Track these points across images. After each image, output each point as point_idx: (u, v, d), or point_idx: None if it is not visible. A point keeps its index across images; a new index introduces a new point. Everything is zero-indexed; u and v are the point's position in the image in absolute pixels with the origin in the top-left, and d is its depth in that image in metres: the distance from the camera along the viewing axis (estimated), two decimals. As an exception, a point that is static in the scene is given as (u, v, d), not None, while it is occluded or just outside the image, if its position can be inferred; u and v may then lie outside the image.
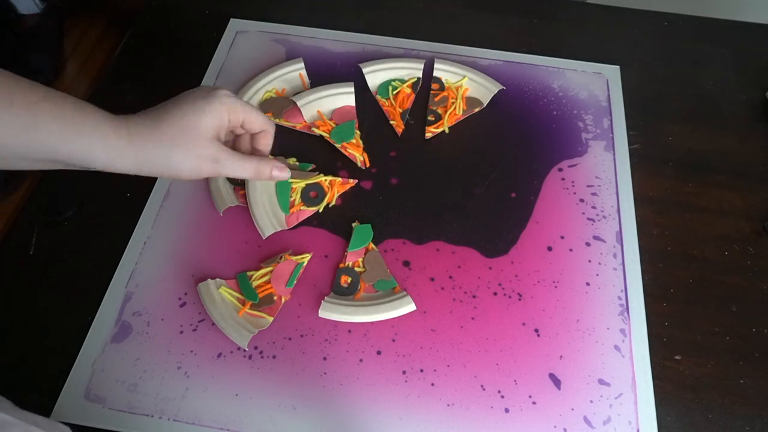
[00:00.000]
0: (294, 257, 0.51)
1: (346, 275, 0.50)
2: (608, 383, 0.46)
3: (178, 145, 0.39)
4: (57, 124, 0.35)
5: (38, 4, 1.72)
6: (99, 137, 0.36)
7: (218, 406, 0.45)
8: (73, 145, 0.36)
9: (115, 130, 0.37)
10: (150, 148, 0.38)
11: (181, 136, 0.39)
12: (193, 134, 0.39)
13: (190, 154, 0.40)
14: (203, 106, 0.40)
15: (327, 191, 0.55)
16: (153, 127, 0.39)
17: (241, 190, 0.54)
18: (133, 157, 0.38)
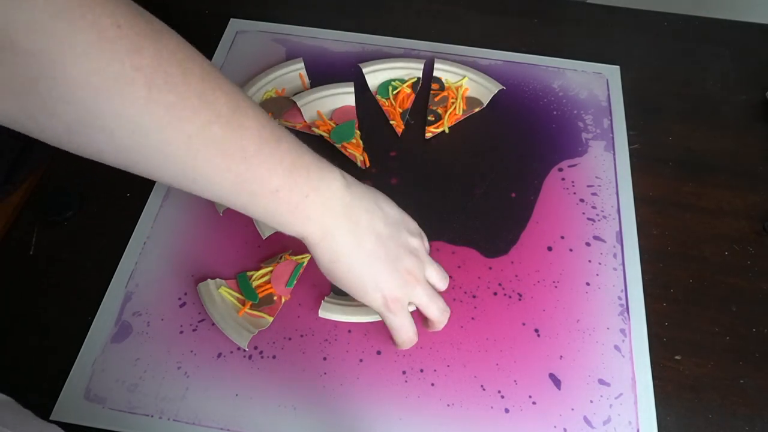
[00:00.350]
0: (294, 257, 0.51)
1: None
2: (608, 383, 0.46)
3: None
4: (267, 214, 0.36)
5: (38, 4, 1.72)
6: (291, 233, 0.38)
7: (218, 406, 0.45)
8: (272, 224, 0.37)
9: (306, 236, 0.38)
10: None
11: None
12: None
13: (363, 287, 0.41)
14: (378, 285, 0.40)
15: None
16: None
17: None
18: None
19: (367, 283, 0.40)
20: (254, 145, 0.33)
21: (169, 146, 0.30)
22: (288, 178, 0.35)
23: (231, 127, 0.32)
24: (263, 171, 0.34)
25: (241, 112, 0.33)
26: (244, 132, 0.33)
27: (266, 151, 0.34)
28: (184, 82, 0.30)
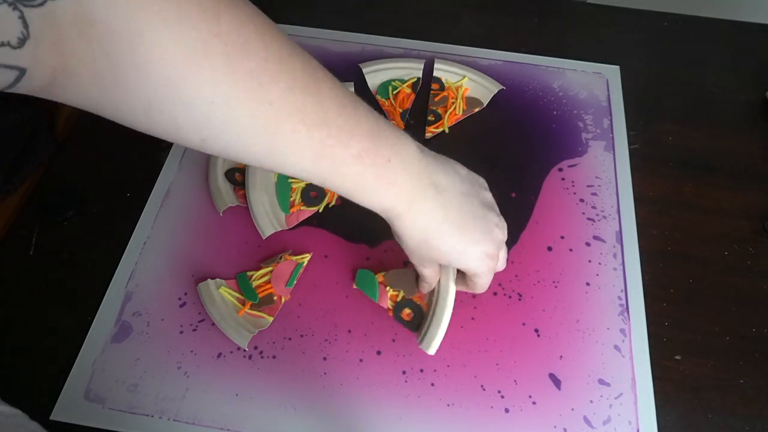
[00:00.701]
0: (294, 257, 0.51)
1: (407, 309, 0.49)
2: (608, 383, 0.46)
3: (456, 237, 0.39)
4: (351, 184, 0.35)
5: (38, 4, 1.73)
6: (376, 208, 0.37)
7: (218, 406, 0.45)
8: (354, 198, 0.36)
9: (393, 207, 0.37)
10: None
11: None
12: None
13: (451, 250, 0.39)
14: (488, 233, 0.40)
15: (327, 191, 0.55)
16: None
17: (240, 190, 0.54)
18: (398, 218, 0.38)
19: (466, 243, 0.39)
20: (334, 110, 0.32)
21: (250, 115, 0.29)
22: (369, 141, 0.34)
23: (310, 92, 0.32)
24: (344, 135, 0.33)
25: (318, 77, 0.33)
26: (323, 97, 0.32)
27: (345, 116, 0.33)
28: (264, 48, 0.30)
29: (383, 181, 0.35)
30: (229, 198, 0.54)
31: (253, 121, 0.29)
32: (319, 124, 0.31)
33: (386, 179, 0.35)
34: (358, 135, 0.33)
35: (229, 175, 0.55)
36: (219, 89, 0.27)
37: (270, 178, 0.55)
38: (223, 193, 0.54)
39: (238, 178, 0.55)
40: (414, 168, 0.36)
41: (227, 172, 0.55)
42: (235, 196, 0.54)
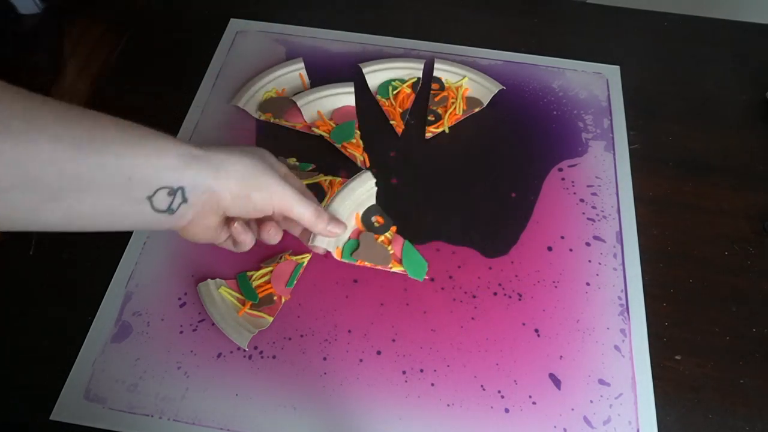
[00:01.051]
0: (294, 257, 0.51)
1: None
2: (608, 383, 0.46)
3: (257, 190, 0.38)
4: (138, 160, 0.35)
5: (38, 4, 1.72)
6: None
7: (218, 406, 0.45)
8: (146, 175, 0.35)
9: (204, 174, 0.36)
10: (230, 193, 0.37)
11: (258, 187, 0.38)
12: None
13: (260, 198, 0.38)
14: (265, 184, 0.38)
15: (327, 191, 0.55)
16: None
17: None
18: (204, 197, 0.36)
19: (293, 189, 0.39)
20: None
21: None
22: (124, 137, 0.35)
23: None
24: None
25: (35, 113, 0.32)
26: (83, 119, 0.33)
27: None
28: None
29: (166, 158, 0.35)
30: None
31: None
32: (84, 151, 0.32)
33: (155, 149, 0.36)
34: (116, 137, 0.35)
35: None
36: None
37: None
38: None
39: None
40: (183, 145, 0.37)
41: None
42: None
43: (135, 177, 0.34)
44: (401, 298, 0.50)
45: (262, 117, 0.60)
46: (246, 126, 0.60)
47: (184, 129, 0.59)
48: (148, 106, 0.62)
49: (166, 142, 0.36)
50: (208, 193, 0.36)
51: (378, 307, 0.49)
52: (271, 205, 0.39)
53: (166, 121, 0.60)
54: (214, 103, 0.61)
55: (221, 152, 0.37)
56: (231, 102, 0.60)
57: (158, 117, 0.60)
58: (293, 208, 0.39)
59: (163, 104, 0.61)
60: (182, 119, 0.60)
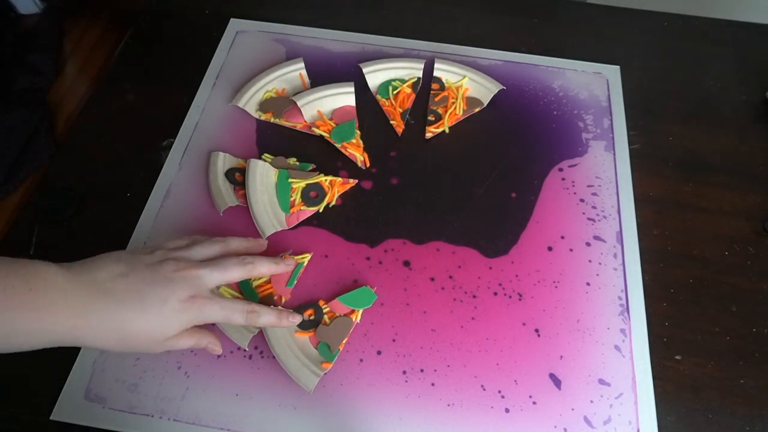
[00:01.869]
0: (294, 257, 0.51)
1: (312, 310, 0.48)
2: (608, 383, 0.46)
3: (132, 348, 0.39)
4: (4, 332, 0.34)
5: (38, 4, 1.73)
6: (50, 339, 0.35)
7: (218, 406, 0.45)
8: (7, 346, 0.34)
9: (70, 328, 0.35)
10: (101, 345, 0.38)
11: (136, 344, 0.38)
12: (148, 343, 0.39)
13: (144, 351, 0.40)
14: (168, 325, 0.39)
15: (327, 191, 0.55)
16: (111, 335, 0.37)
17: (240, 190, 0.54)
18: (77, 343, 0.37)
19: (158, 311, 0.38)
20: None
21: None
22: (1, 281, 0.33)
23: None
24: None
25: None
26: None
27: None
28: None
29: (36, 313, 0.34)
30: (230, 198, 0.54)
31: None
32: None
33: (38, 310, 0.34)
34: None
35: (229, 174, 0.55)
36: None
37: (270, 178, 0.55)
38: (223, 193, 0.54)
39: (238, 178, 0.55)
40: (57, 282, 0.35)
41: (227, 172, 0.55)
42: (235, 196, 0.54)
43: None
44: (401, 298, 0.50)
45: (262, 117, 0.60)
46: (246, 126, 0.60)
47: (184, 129, 0.59)
48: (148, 106, 0.62)
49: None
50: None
51: (378, 307, 0.49)
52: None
53: (166, 121, 0.60)
54: (214, 103, 0.61)
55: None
56: (231, 102, 0.60)
57: (158, 117, 0.60)
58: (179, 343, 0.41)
59: (163, 104, 0.61)
60: (182, 119, 0.60)
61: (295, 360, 0.45)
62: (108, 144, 0.59)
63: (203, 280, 0.41)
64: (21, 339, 0.34)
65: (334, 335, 0.47)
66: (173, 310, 0.38)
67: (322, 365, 0.45)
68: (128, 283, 0.38)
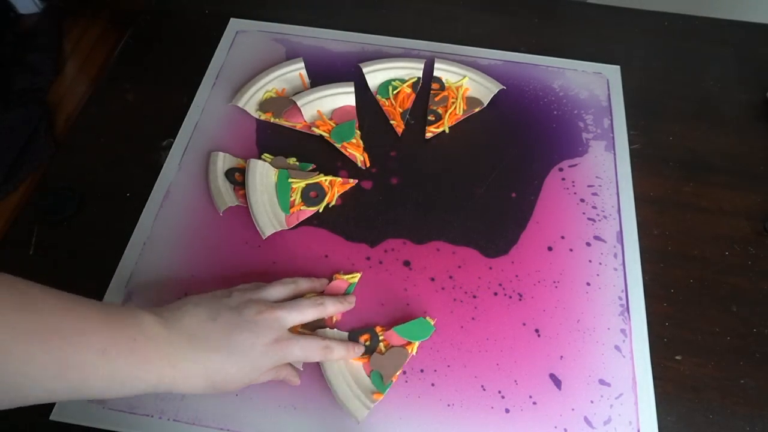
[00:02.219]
0: (345, 276, 0.50)
1: (368, 335, 0.47)
2: (609, 383, 0.46)
3: (217, 390, 0.39)
4: (104, 384, 0.34)
5: (38, 4, 1.73)
6: (143, 389, 0.36)
7: (218, 406, 0.44)
8: (107, 395, 0.35)
9: (162, 378, 0.36)
10: (187, 390, 0.38)
11: (224, 387, 0.40)
12: (236, 384, 0.40)
13: (226, 392, 0.40)
14: (256, 368, 0.40)
15: (327, 191, 0.55)
16: (201, 381, 0.38)
17: (240, 190, 0.54)
18: (164, 390, 0.37)
19: (243, 357, 0.39)
20: (57, 315, 0.32)
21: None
22: (108, 331, 0.34)
23: (23, 308, 0.31)
24: (77, 336, 0.32)
25: (23, 289, 0.32)
26: (38, 307, 0.32)
27: (72, 316, 0.33)
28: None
29: (137, 363, 0.35)
30: (229, 198, 0.54)
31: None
32: (47, 334, 0.30)
33: (139, 360, 0.35)
34: (93, 329, 0.33)
35: (229, 174, 0.55)
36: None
37: (270, 178, 0.55)
38: (223, 193, 0.54)
39: (238, 178, 0.55)
40: (156, 331, 0.37)
41: (227, 172, 0.55)
42: (235, 195, 0.54)
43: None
44: (401, 298, 0.50)
45: (262, 117, 0.60)
46: (246, 126, 0.60)
47: (184, 129, 0.59)
48: (148, 106, 0.62)
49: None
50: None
51: (378, 307, 0.49)
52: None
53: (166, 121, 0.60)
54: (214, 103, 0.61)
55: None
56: (231, 102, 0.60)
57: (158, 117, 0.60)
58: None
59: (163, 104, 0.61)
60: (182, 119, 0.60)
61: (347, 388, 0.44)
62: (108, 144, 0.59)
63: (283, 322, 0.42)
64: (117, 387, 0.35)
65: (389, 365, 0.46)
66: (260, 354, 0.40)
67: (373, 396, 0.44)
68: (217, 329, 0.39)
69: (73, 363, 0.31)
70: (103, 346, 0.33)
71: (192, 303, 0.41)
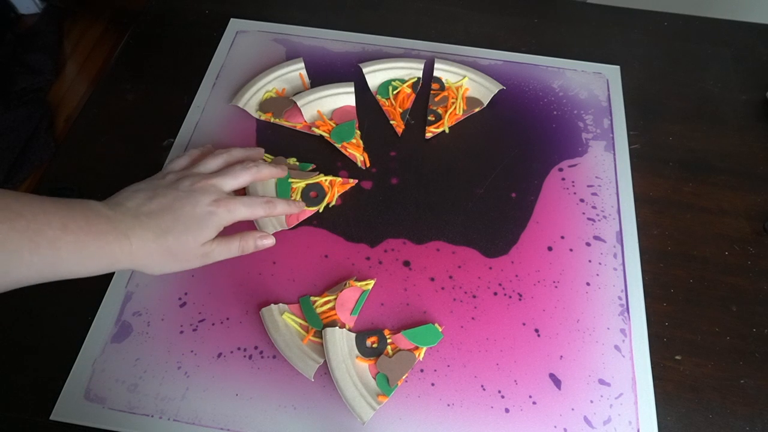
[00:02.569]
0: (359, 283, 0.50)
1: (376, 338, 0.47)
2: (608, 383, 0.46)
3: (175, 258, 0.42)
4: (76, 257, 0.37)
5: (38, 4, 1.73)
6: (110, 262, 0.39)
7: (218, 406, 0.45)
8: (83, 270, 0.38)
9: (121, 248, 0.39)
10: (147, 261, 0.41)
11: (180, 252, 0.42)
12: (191, 247, 0.42)
13: (183, 262, 0.43)
14: (205, 224, 0.43)
15: (327, 191, 0.55)
16: (155, 243, 0.41)
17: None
18: (129, 265, 0.40)
19: (192, 213, 0.42)
20: (19, 204, 0.35)
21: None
22: (64, 212, 0.37)
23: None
24: (41, 216, 0.36)
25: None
26: (4, 202, 0.35)
27: (30, 204, 0.36)
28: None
29: (96, 234, 0.38)
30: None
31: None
32: (14, 218, 0.34)
33: (97, 232, 0.38)
34: (51, 210, 0.36)
35: None
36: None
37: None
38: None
39: None
40: (104, 212, 0.40)
41: None
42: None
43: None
44: (401, 298, 0.50)
45: (262, 117, 0.60)
46: (246, 126, 0.60)
47: (184, 129, 0.59)
48: (148, 106, 0.62)
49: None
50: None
51: (378, 307, 0.49)
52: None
53: (166, 121, 0.60)
54: (214, 103, 0.61)
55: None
56: (231, 102, 0.60)
57: (158, 117, 0.60)
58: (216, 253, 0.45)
59: (163, 104, 0.61)
60: (182, 119, 0.60)
61: (353, 388, 0.44)
62: (108, 144, 0.59)
63: (220, 187, 0.45)
64: (87, 262, 0.38)
65: (396, 369, 0.46)
66: (206, 214, 0.43)
67: (378, 398, 0.45)
68: (157, 204, 0.42)
69: (42, 239, 0.35)
70: (63, 222, 0.36)
71: (130, 189, 0.44)
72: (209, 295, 0.49)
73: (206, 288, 0.50)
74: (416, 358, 0.46)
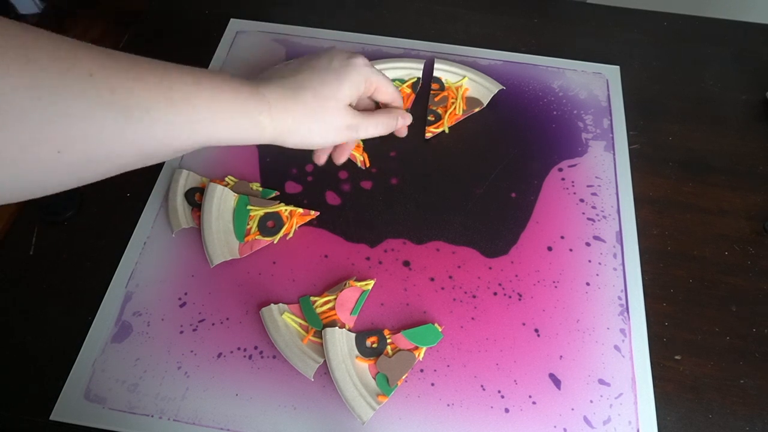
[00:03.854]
0: (358, 283, 0.50)
1: (375, 338, 0.47)
2: (608, 383, 0.46)
3: (317, 119, 0.40)
4: (211, 112, 0.34)
5: (38, 4, 1.73)
6: (248, 119, 0.36)
7: (218, 406, 0.45)
8: (222, 131, 0.35)
9: (258, 106, 0.37)
10: (290, 122, 0.38)
11: (320, 110, 0.40)
12: (332, 105, 0.40)
13: (329, 126, 0.40)
14: (343, 76, 0.41)
15: (285, 222, 0.53)
16: (293, 100, 0.38)
17: (198, 212, 0.52)
18: (272, 131, 0.38)
19: (331, 70, 0.41)
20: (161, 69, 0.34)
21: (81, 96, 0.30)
22: (194, 75, 0.35)
23: (118, 57, 0.33)
24: (187, 75, 0.34)
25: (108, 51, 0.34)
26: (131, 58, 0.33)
27: (153, 66, 0.34)
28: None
29: (231, 92, 0.35)
30: (185, 219, 0.52)
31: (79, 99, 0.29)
32: (142, 75, 0.32)
33: (230, 89, 0.35)
34: (182, 69, 0.34)
35: (189, 195, 0.53)
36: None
37: (229, 203, 0.52)
38: (179, 213, 0.52)
39: (198, 198, 0.53)
40: (237, 76, 0.37)
41: (187, 192, 0.53)
42: (192, 217, 0.52)
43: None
44: (401, 298, 0.50)
45: (262, 117, 0.60)
46: (246, 126, 0.60)
47: (184, 129, 0.59)
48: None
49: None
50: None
51: (378, 307, 0.49)
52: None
53: (166, 121, 0.60)
54: (214, 103, 0.61)
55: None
56: (231, 102, 0.60)
57: (158, 117, 0.60)
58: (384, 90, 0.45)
59: (163, 104, 0.61)
60: (182, 119, 0.60)
61: (353, 388, 0.44)
62: (108, 144, 0.59)
63: (360, 66, 0.43)
64: (230, 125, 0.36)
65: (395, 368, 0.46)
66: (341, 66, 0.41)
67: (378, 398, 0.44)
68: (292, 65, 0.41)
69: (177, 95, 0.33)
70: (196, 78, 0.34)
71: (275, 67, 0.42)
72: (209, 295, 0.49)
73: (206, 288, 0.50)
74: (416, 358, 0.46)
